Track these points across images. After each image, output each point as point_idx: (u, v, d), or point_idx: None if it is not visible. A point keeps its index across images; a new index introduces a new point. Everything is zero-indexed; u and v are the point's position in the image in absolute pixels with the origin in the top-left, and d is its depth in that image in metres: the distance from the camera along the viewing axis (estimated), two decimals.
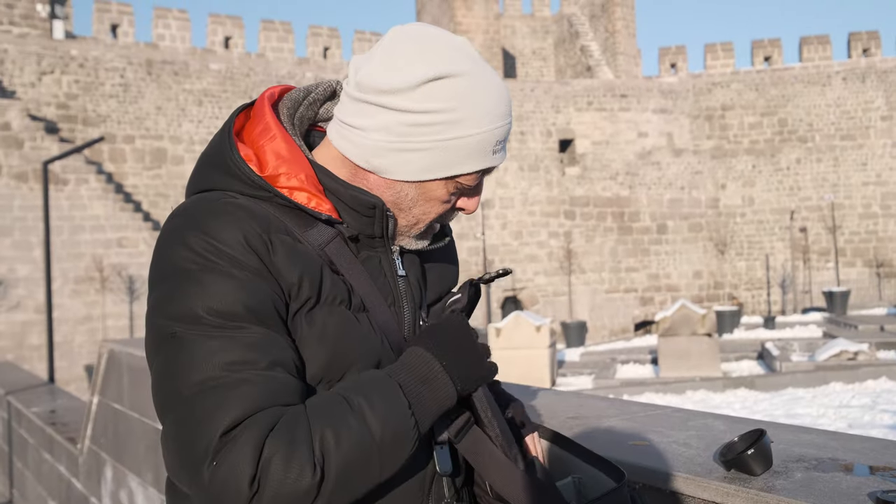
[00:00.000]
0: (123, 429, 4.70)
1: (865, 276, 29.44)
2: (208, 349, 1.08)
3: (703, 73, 30.82)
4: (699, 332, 16.72)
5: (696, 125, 30.09)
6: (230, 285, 1.11)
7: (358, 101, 1.23)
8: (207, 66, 25.03)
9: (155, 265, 1.17)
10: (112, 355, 4.90)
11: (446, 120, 1.20)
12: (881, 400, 11.41)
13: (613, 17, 32.90)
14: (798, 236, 29.72)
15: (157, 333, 1.13)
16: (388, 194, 1.26)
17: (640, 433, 1.99)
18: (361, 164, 1.25)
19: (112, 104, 23.46)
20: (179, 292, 1.11)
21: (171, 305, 1.11)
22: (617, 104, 28.79)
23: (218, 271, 1.11)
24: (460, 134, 1.21)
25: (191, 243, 1.13)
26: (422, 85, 1.19)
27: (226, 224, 1.15)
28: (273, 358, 1.10)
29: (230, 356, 1.07)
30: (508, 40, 37.82)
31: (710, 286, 29.34)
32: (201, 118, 24.56)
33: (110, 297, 20.59)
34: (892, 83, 29.70)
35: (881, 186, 29.57)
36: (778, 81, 30.25)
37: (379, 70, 1.21)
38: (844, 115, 29.82)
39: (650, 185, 28.77)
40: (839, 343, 16.28)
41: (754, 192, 30.06)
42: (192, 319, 1.09)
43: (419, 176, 1.24)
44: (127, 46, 24.36)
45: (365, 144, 1.23)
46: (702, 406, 12.32)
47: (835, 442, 1.80)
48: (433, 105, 1.19)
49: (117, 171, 23.19)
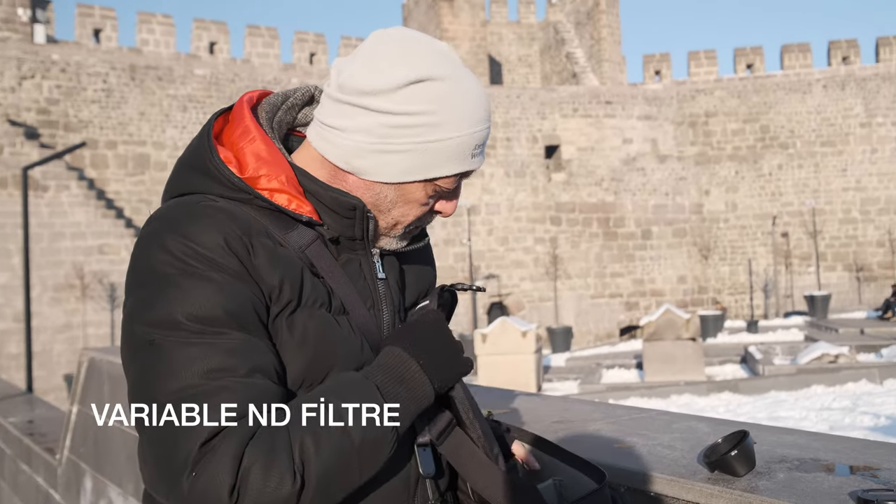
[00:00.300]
0: (103, 438, 4.65)
1: (846, 280, 29.65)
2: (187, 356, 1.06)
3: (687, 81, 30.99)
4: (683, 336, 16.78)
5: (680, 132, 30.23)
6: (210, 289, 1.09)
7: (339, 102, 1.23)
8: (192, 71, 24.94)
9: (132, 270, 1.16)
10: (92, 364, 4.86)
11: (426, 122, 1.20)
12: (861, 402, 11.47)
13: (599, 25, 33.02)
14: (780, 241, 29.90)
15: (135, 340, 1.10)
16: (368, 196, 1.26)
17: (625, 436, 2.00)
18: (341, 164, 1.25)
19: (94, 109, 23.33)
20: (158, 297, 1.09)
21: (150, 311, 1.09)
22: (602, 111, 28.90)
23: (197, 275, 1.10)
24: (440, 137, 1.21)
25: (170, 247, 1.12)
26: (403, 87, 1.19)
27: (206, 227, 1.13)
28: (253, 364, 1.09)
29: (210, 363, 1.06)
30: (495, 47, 37.90)
31: (695, 291, 29.47)
32: (185, 124, 24.46)
33: (91, 304, 20.44)
34: (870, 91, 29.96)
35: (860, 192, 29.81)
36: (760, 89, 30.46)
37: (361, 72, 1.21)
38: (825, 122, 30.05)
39: (635, 191, 28.88)
40: (820, 346, 16.37)
41: (737, 198, 30.23)
42: (172, 325, 1.08)
43: (399, 178, 1.24)
44: (110, 51, 24.24)
45: (345, 145, 1.24)
46: (686, 410, 12.36)
47: (816, 443, 1.81)
48: (414, 107, 1.20)
49: (99, 177, 23.05)
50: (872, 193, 29.76)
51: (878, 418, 9.92)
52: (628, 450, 1.87)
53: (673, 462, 1.72)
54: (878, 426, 9.49)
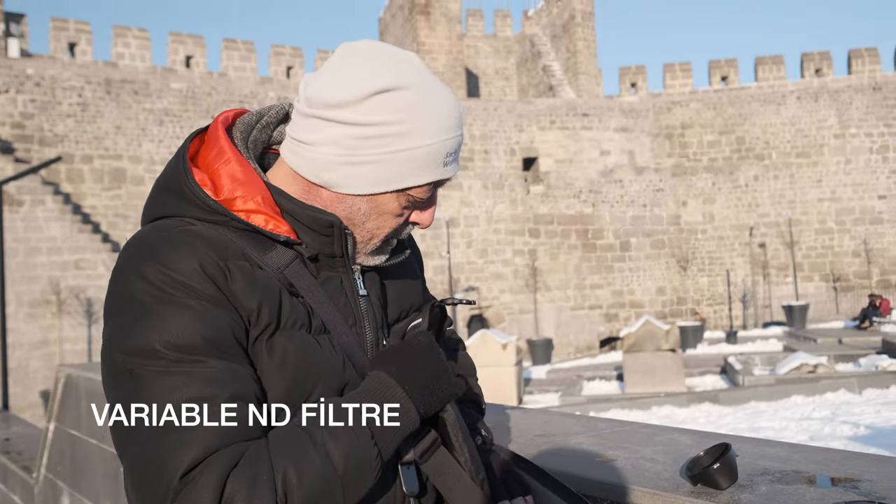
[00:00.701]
0: (81, 456, 4.60)
1: (823, 290, 29.89)
2: (167, 385, 1.05)
3: (663, 93, 31.20)
4: (663, 347, 16.85)
5: (656, 143, 30.41)
6: (187, 317, 1.08)
7: (307, 116, 1.23)
8: (168, 85, 24.85)
9: (111, 297, 1.15)
10: (69, 380, 4.81)
11: (394, 132, 1.20)
12: (840, 412, 11.54)
13: (574, 38, 33.21)
14: (757, 252, 30.11)
15: (114, 369, 1.09)
16: (341, 209, 1.25)
17: (607, 449, 1.99)
18: (312, 178, 1.24)
19: (70, 124, 23.18)
20: (137, 325, 1.08)
21: (128, 339, 1.08)
22: (579, 123, 29.03)
23: (175, 303, 1.09)
24: (409, 146, 1.20)
25: (146, 274, 1.11)
26: (368, 98, 1.19)
27: (182, 254, 1.12)
28: (232, 392, 1.08)
29: (189, 392, 1.05)
30: (472, 60, 38.03)
31: (674, 302, 29.60)
32: (162, 138, 24.35)
33: (67, 320, 20.25)
34: (843, 102, 30.29)
35: (835, 203, 30.09)
36: (735, 100, 30.72)
37: (327, 85, 1.21)
38: (799, 134, 30.34)
39: (613, 203, 29.01)
40: (799, 356, 16.48)
41: (714, 209, 30.43)
42: (150, 354, 1.06)
43: (370, 189, 1.23)
44: (85, 65, 24.11)
45: (315, 159, 1.23)
46: (667, 421, 12.39)
47: (798, 454, 1.81)
48: (380, 118, 1.19)
49: (75, 191, 22.89)
50: (847, 204, 30.05)
51: (857, 428, 9.98)
52: (610, 463, 1.86)
53: (655, 475, 1.72)
54: (857, 436, 9.54)
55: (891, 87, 30.23)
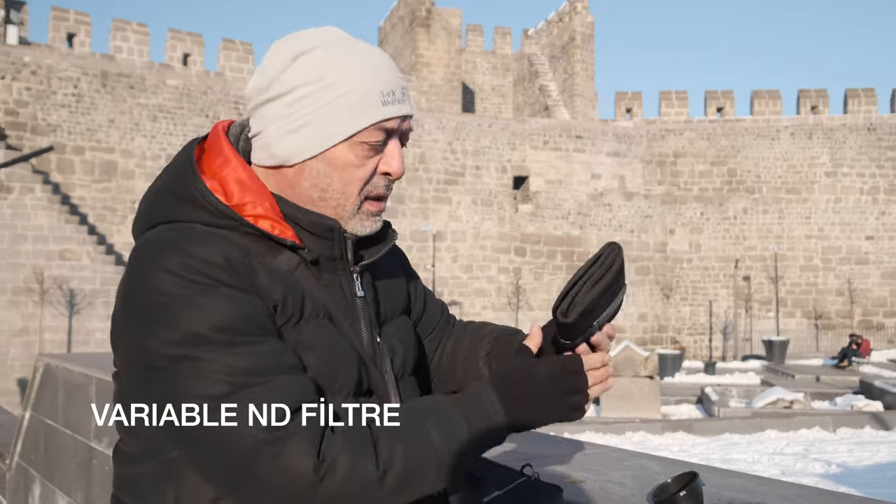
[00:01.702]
0: (55, 446, 4.59)
1: (804, 326, 30.03)
2: (226, 363, 1.08)
3: (657, 120, 31.38)
4: (641, 373, 16.88)
5: (648, 170, 30.56)
6: (224, 302, 1.11)
7: (252, 111, 1.29)
8: (164, 81, 24.83)
9: (133, 296, 1.15)
10: (48, 370, 4.80)
11: (318, 88, 1.24)
12: (813, 449, 11.60)
13: (573, 60, 33.38)
14: (741, 284, 30.25)
15: (156, 364, 1.11)
16: (307, 183, 1.28)
17: (576, 471, 2.00)
18: (270, 162, 1.28)
19: (63, 114, 23.12)
20: (175, 319, 1.10)
21: (170, 331, 1.09)
22: (572, 144, 29.14)
23: (208, 291, 1.11)
24: (336, 94, 1.24)
25: (172, 267, 1.12)
26: (286, 69, 1.25)
27: (206, 247, 1.15)
28: (288, 362, 1.13)
29: (250, 363, 1.09)
30: (469, 75, 38.15)
31: (655, 329, 29.67)
32: (154, 134, 24.31)
33: (49, 310, 20.15)
34: (837, 141, 30.52)
35: (822, 240, 30.28)
36: (729, 132, 30.92)
37: (255, 76, 1.29)
38: (791, 169, 30.54)
39: (601, 227, 29.09)
40: (776, 391, 16.56)
41: (701, 239, 30.57)
42: (199, 341, 1.09)
43: (318, 148, 1.26)
44: (83, 56, 24.07)
45: (266, 143, 1.27)
46: (641, 447, 12.40)
47: (764, 487, 1.83)
48: (301, 79, 1.24)
49: (65, 181, 22.81)
50: (834, 243, 30.24)
51: (829, 465, 10.03)
52: (579, 485, 1.87)
53: (622, 499, 1.73)
54: (828, 473, 9.59)
55: (885, 128, 30.48)
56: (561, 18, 35.19)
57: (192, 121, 24.94)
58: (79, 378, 4.30)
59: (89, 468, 4.08)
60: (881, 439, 12.69)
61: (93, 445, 4.03)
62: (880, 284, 30.10)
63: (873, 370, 22.18)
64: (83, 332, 20.58)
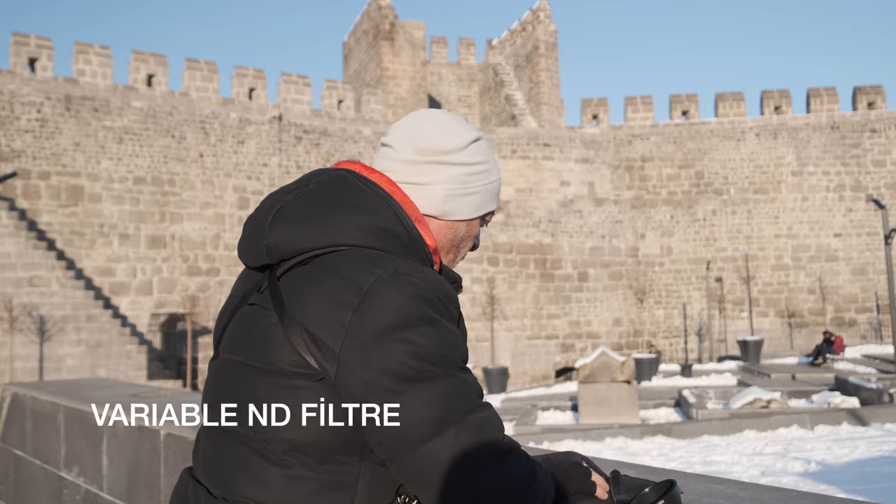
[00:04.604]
0: (25, 477, 4.49)
1: (777, 325, 30.27)
2: (469, 382, 1.35)
3: (624, 125, 31.57)
4: (618, 379, 16.90)
5: (616, 175, 30.74)
6: (462, 336, 1.39)
7: (420, 163, 1.54)
8: (129, 103, 24.64)
9: (408, 312, 1.31)
10: (16, 399, 4.71)
11: (486, 169, 1.58)
12: (792, 447, 11.65)
13: (538, 68, 33.54)
14: (714, 286, 30.45)
15: (422, 370, 1.30)
16: (449, 234, 1.57)
17: None
18: (432, 212, 1.54)
19: (27, 139, 22.88)
20: (441, 340, 1.32)
21: (436, 349, 1.31)
22: (540, 153, 29.24)
23: (452, 321, 1.37)
24: (493, 179, 1.60)
25: (437, 300, 1.35)
26: (470, 144, 1.56)
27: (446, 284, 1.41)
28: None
29: (477, 389, 1.36)
30: (435, 87, 38.22)
31: (630, 334, 29.77)
32: (121, 156, 24.11)
33: (19, 337, 19.87)
34: (801, 140, 30.86)
35: (792, 239, 30.56)
36: (695, 135, 31.17)
37: (437, 138, 1.54)
38: (757, 170, 30.84)
39: (572, 234, 29.19)
40: (753, 391, 16.63)
41: (672, 242, 30.76)
42: (456, 364, 1.34)
43: (472, 214, 1.58)
44: (45, 81, 23.84)
45: (434, 195, 1.54)
46: (620, 453, 12.41)
47: (744, 492, 1.81)
48: (479, 158, 1.57)
49: (31, 207, 22.55)
50: (804, 241, 30.54)
51: (808, 464, 10.07)
52: None
53: None
54: (808, 472, 9.63)
55: (848, 126, 30.86)
56: (524, 28, 35.34)
57: (158, 142, 24.77)
58: (46, 407, 4.21)
59: (59, 499, 3.99)
60: (858, 435, 12.77)
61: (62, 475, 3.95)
62: (851, 281, 30.42)
63: (848, 366, 22.37)
64: (55, 360, 20.31)
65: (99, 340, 21.01)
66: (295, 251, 1.42)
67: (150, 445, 3.16)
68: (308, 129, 27.54)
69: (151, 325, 23.77)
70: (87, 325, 20.94)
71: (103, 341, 21.07)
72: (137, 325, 23.32)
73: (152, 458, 3.13)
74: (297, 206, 1.45)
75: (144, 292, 23.83)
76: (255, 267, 1.51)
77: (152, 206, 24.39)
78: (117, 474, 3.48)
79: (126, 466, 3.40)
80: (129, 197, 24.04)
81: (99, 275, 23.16)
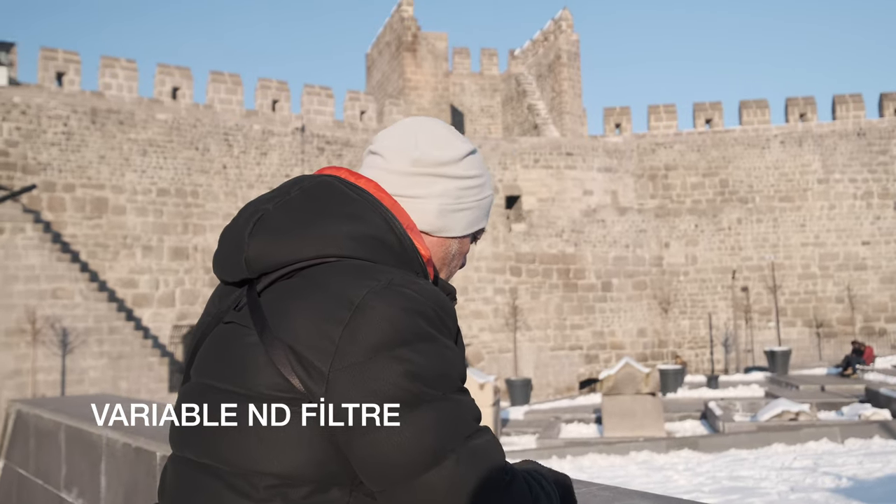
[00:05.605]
0: (27, 497, 4.40)
1: (805, 335, 29.84)
2: (467, 405, 1.25)
3: (647, 134, 31.34)
4: (643, 391, 16.68)
5: (639, 184, 30.49)
6: (460, 354, 1.29)
7: (415, 175, 1.44)
8: (154, 115, 24.76)
9: (397, 326, 1.21)
10: (20, 416, 4.62)
11: (480, 184, 1.50)
12: (822, 462, 11.38)
13: (560, 78, 33.40)
14: (740, 295, 30.08)
15: (418, 393, 1.20)
16: (441, 251, 1.49)
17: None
18: (426, 227, 1.45)
19: (54, 152, 23.05)
20: (436, 359, 1.22)
21: (433, 369, 1.22)
22: (563, 162, 29.08)
23: (451, 338, 1.28)
24: (486, 195, 1.52)
25: (430, 314, 1.25)
26: (465, 157, 1.47)
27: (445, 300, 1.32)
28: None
29: (475, 413, 1.26)
30: (457, 97, 38.18)
31: (655, 344, 29.48)
32: (145, 168, 24.22)
33: (42, 350, 19.95)
34: (827, 147, 30.47)
35: (819, 247, 30.15)
36: (719, 143, 30.87)
37: (433, 149, 1.45)
38: (783, 178, 30.47)
39: (595, 243, 28.97)
40: (781, 403, 16.35)
41: (697, 251, 30.44)
42: (455, 386, 1.25)
43: (465, 231, 1.49)
44: (72, 94, 24.00)
45: (427, 209, 1.44)
46: (645, 467, 12.20)
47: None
48: (474, 172, 1.49)
49: (56, 220, 22.69)
50: (831, 249, 30.11)
51: (839, 479, 9.81)
52: None
53: None
54: (839, 487, 9.37)
55: (875, 133, 30.44)
56: (546, 38, 35.23)
57: (181, 154, 24.86)
58: (49, 425, 4.12)
59: None
60: (891, 449, 12.48)
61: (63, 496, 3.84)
62: (880, 290, 29.95)
63: (878, 377, 21.97)
64: (77, 372, 20.36)
65: (121, 353, 21.06)
66: (277, 264, 1.30)
67: (145, 468, 3.05)
68: (330, 140, 27.55)
69: (173, 336, 23.80)
70: (109, 338, 20.99)
71: (125, 353, 21.11)
72: (159, 337, 23.36)
73: (149, 482, 3.02)
74: (279, 215, 1.33)
75: (167, 304, 23.87)
76: (233, 282, 1.38)
77: (175, 217, 24.47)
78: (115, 496, 3.36)
79: (124, 489, 3.29)
80: (153, 209, 24.13)
81: (122, 287, 23.23)
